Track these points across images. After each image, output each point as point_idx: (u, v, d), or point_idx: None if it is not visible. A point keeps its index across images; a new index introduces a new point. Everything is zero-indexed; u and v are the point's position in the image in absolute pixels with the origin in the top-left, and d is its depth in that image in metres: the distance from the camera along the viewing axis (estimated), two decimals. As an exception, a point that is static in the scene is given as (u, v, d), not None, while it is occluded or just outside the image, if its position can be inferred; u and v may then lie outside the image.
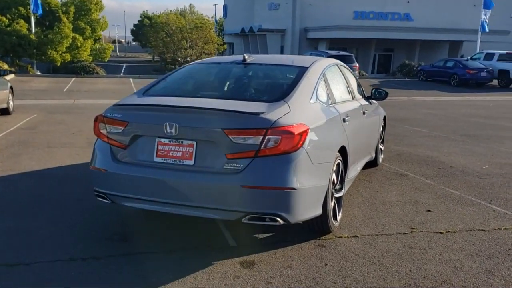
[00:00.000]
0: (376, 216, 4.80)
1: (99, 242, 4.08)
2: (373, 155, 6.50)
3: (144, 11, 54.54)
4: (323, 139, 3.91)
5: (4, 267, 3.56)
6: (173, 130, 3.59)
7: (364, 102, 5.85)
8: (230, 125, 3.48)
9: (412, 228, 4.49)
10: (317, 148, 3.75)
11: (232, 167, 3.48)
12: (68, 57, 24.75)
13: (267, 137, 3.42)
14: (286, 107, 3.70)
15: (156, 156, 3.71)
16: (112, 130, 3.89)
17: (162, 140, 3.69)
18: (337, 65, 5.34)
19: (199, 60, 5.23)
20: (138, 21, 54.53)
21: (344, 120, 4.52)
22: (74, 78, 24.40)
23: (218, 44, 32.97)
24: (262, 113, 3.52)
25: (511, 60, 25.29)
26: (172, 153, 3.66)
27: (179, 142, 3.64)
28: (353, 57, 22.73)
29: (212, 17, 35.99)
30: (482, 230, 4.47)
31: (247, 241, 4.16)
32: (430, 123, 12.21)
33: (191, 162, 3.60)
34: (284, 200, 3.47)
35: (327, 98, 4.44)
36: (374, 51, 39.40)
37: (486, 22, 29.79)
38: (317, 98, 4.19)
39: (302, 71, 4.39)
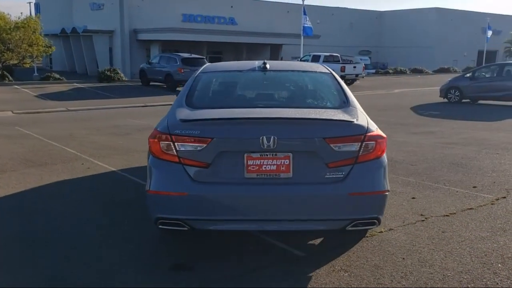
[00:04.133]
0: (382, 209, 5.22)
1: (166, 275, 3.64)
2: None
3: None
4: None
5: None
6: (271, 143, 3.41)
7: None
8: (331, 134, 3.47)
9: (422, 215, 5.03)
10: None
11: (334, 176, 3.48)
12: None
13: (364, 143, 3.53)
14: (361, 113, 3.84)
15: (247, 172, 3.47)
16: (187, 149, 3.48)
17: (252, 154, 3.47)
18: None
19: (210, 68, 4.86)
20: None
21: None
22: None
23: (43, 46, 29.76)
24: (355, 119, 3.60)
25: (334, 61, 28.83)
26: (265, 167, 3.47)
27: (272, 155, 3.47)
28: (205, 60, 23.05)
29: (22, 17, 31.74)
30: (470, 209, 5.26)
31: (311, 249, 4.19)
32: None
33: (289, 175, 3.47)
34: (382, 203, 3.62)
35: None
36: (206, 54, 40.40)
37: (305, 27, 33.14)
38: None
39: (331, 76, 4.56)
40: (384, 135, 3.69)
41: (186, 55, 22.91)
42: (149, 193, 3.59)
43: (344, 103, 4.01)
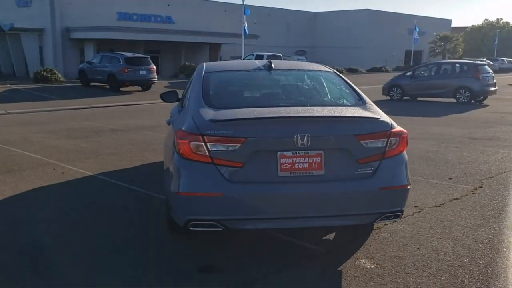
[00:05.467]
0: (377, 202, 5.42)
1: (196, 277, 3.56)
2: None
3: None
4: None
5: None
6: (304, 141, 3.45)
7: None
8: (361, 131, 3.58)
9: (416, 206, 5.28)
10: None
11: (364, 172, 3.58)
12: None
13: (390, 139, 3.66)
14: (380, 110, 3.97)
15: (281, 171, 3.48)
16: (219, 149, 3.43)
17: (285, 153, 3.49)
18: None
19: (214, 68, 4.77)
20: None
21: None
22: None
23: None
24: (380, 116, 3.73)
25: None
26: (298, 165, 3.50)
27: (304, 153, 3.51)
28: (149, 59, 22.46)
29: None
30: (456, 199, 5.59)
31: (329, 244, 4.29)
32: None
33: (322, 172, 3.52)
34: (406, 196, 3.78)
35: None
36: (143, 53, 39.48)
37: (246, 27, 33.33)
38: None
39: (336, 75, 4.67)
40: (405, 131, 3.85)
41: (129, 54, 22.21)
42: (179, 195, 3.50)
43: (359, 101, 4.13)
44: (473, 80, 17.25)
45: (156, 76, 22.17)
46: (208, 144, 3.44)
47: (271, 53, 30.00)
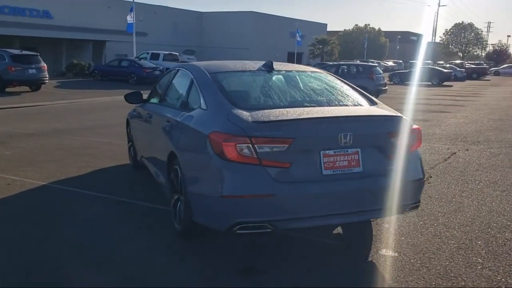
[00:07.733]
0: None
1: (237, 278, 3.50)
2: None
3: None
4: None
5: None
6: (347, 140, 3.58)
7: None
8: (392, 128, 3.82)
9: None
10: None
11: (394, 167, 3.81)
12: None
13: (412, 135, 3.96)
14: (392, 109, 4.25)
15: (325, 169, 3.56)
16: (267, 150, 3.42)
17: (327, 152, 3.59)
18: None
19: (216, 69, 4.59)
20: None
21: None
22: None
23: None
24: (402, 115, 4.00)
25: (173, 59, 28.76)
26: (338, 163, 3.62)
27: (344, 152, 3.63)
28: (39, 57, 20.49)
29: None
30: (418, 188, 6.14)
31: (343, 238, 4.52)
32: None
33: (360, 169, 3.68)
34: (423, 188, 4.11)
35: None
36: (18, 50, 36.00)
37: (129, 24, 32.05)
38: None
39: (334, 77, 4.88)
40: (420, 127, 4.18)
41: (16, 51, 20.16)
42: (225, 198, 3.40)
43: (371, 101, 4.37)
44: (368, 80, 18.92)
45: (47, 76, 20.42)
46: (256, 145, 3.40)
47: (167, 52, 29.43)
